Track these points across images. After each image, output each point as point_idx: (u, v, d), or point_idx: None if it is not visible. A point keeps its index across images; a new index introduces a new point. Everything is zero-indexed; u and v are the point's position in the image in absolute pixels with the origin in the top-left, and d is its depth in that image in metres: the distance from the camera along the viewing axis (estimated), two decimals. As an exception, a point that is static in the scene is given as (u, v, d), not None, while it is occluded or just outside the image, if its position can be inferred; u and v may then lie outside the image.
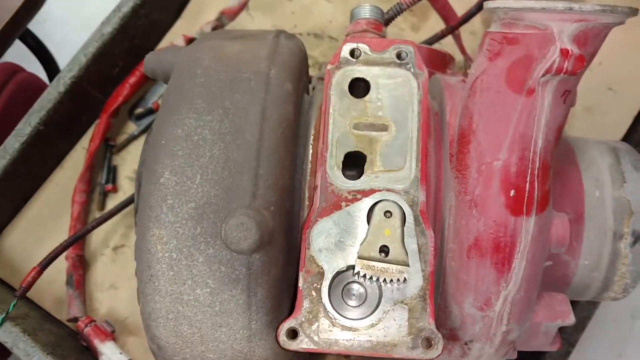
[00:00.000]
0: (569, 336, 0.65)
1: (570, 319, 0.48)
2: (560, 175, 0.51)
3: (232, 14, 0.79)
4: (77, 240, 0.71)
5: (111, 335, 0.69)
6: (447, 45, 0.79)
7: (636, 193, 0.51)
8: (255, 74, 0.46)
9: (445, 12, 0.75)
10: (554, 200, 0.50)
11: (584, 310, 0.65)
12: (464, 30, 0.74)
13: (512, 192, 0.43)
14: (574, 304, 0.65)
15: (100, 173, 0.78)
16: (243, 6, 0.79)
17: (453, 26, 0.72)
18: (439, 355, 0.42)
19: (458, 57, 0.76)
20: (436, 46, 0.77)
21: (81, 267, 0.74)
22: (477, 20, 0.76)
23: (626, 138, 0.78)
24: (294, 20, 0.83)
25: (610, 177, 0.51)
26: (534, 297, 0.46)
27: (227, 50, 0.48)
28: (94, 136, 0.76)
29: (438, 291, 0.47)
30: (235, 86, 0.45)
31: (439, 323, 0.47)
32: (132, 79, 0.78)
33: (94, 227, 0.70)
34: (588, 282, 0.52)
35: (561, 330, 0.64)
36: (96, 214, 0.77)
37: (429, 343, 0.43)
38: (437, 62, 0.70)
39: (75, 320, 0.70)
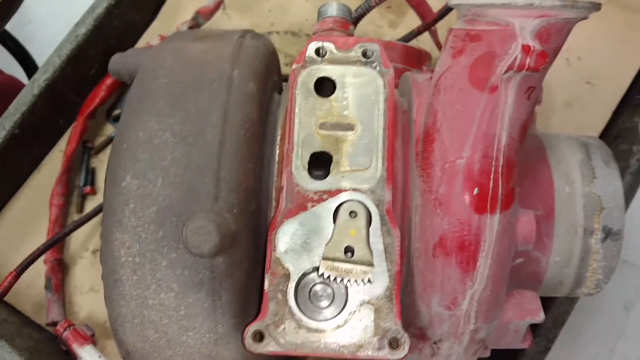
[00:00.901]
0: (548, 332, 0.64)
1: (540, 317, 0.48)
2: (531, 172, 0.51)
3: (207, 14, 0.78)
4: (55, 243, 0.70)
5: (90, 339, 0.69)
6: (425, 42, 0.79)
7: (606, 189, 0.50)
8: (218, 74, 0.46)
9: (421, 8, 0.75)
10: (524, 197, 0.50)
11: (563, 305, 0.65)
12: (440, 27, 0.74)
13: (475, 190, 0.42)
14: (551, 300, 0.65)
15: (78, 175, 0.77)
16: (218, 5, 0.78)
17: (429, 22, 0.71)
18: (405, 355, 0.42)
19: (436, 53, 0.75)
20: (413, 43, 0.77)
21: (60, 270, 0.74)
22: (453, 16, 0.76)
23: (605, 132, 0.78)
24: (270, 19, 0.83)
25: (581, 173, 0.51)
26: (501, 295, 0.46)
27: (191, 51, 0.48)
28: (70, 139, 0.76)
29: (407, 291, 0.47)
30: (198, 87, 0.45)
31: (409, 322, 0.47)
32: (109, 81, 0.78)
33: (71, 230, 0.69)
34: (560, 278, 0.52)
35: (539, 326, 0.64)
36: (75, 217, 0.76)
37: (395, 343, 0.43)
38: (414, 60, 0.70)
39: (54, 324, 0.70)
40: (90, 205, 0.77)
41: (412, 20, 0.81)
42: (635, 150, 0.70)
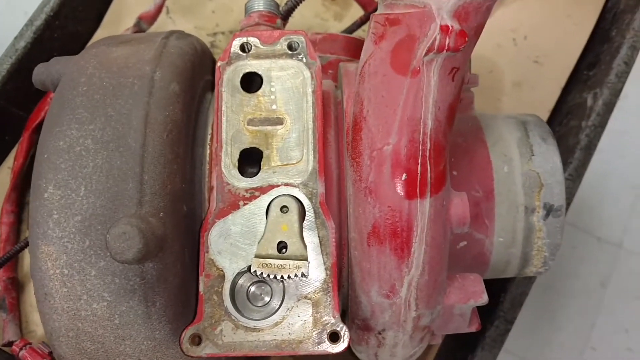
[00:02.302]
0: (506, 314, 0.64)
1: (483, 299, 0.47)
2: (468, 154, 0.50)
3: (149, 19, 0.77)
4: (7, 261, 0.69)
5: (48, 357, 0.68)
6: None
7: (545, 165, 0.50)
8: (139, 77, 0.45)
9: (362, -1, 0.74)
10: (463, 179, 0.49)
11: (520, 286, 0.65)
12: (383, 16, 0.73)
13: (404, 176, 0.42)
14: (509, 281, 0.65)
15: (28, 191, 0.76)
16: (160, 9, 0.77)
17: (371, 12, 0.71)
18: (346, 348, 0.42)
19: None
20: (359, 34, 0.77)
21: (14, 289, 0.72)
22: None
23: (556, 109, 0.78)
24: (215, 20, 0.82)
25: (519, 151, 0.51)
26: (441, 280, 0.45)
27: (113, 56, 0.47)
28: (17, 154, 0.75)
29: (348, 283, 0.46)
30: (119, 92, 0.44)
31: (353, 314, 0.47)
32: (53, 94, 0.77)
33: (22, 248, 0.68)
34: (507, 258, 0.51)
35: (497, 308, 0.64)
36: (27, 234, 0.75)
37: (335, 337, 0.42)
38: (357, 51, 0.69)
39: (9, 344, 0.69)
40: (43, 220, 0.76)
41: (358, 12, 0.81)
42: (585, 126, 0.70)
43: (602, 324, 1.24)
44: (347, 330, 0.42)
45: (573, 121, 0.74)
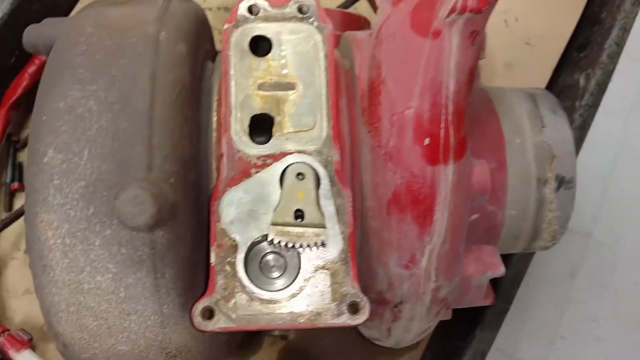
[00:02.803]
0: (506, 293, 0.64)
1: (500, 270, 0.46)
2: (479, 125, 0.49)
3: (133, -8, 0.74)
4: (-18, 245, 0.65)
5: (28, 344, 0.64)
6: (362, 8, 0.77)
7: (556, 136, 0.49)
8: (143, 37, 0.42)
9: (356, -26, 0.73)
10: (475, 150, 0.48)
11: (519, 264, 0.65)
12: (377, -8, 0.72)
13: (426, 141, 0.40)
14: (507, 259, 0.64)
15: (4, 172, 0.72)
16: (145, -18, 0.74)
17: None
18: (366, 320, 0.40)
19: (374, 19, 0.74)
20: (351, 10, 0.75)
21: (-10, 274, 0.68)
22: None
23: (547, 90, 0.78)
24: (202, -5, 0.79)
25: (530, 122, 0.50)
26: (461, 250, 0.44)
27: (112, 16, 0.44)
28: (-8, 132, 0.70)
29: (362, 254, 0.45)
30: (122, 52, 0.41)
31: (367, 288, 0.45)
32: (32, 68, 0.72)
33: (0, 229, 0.64)
34: (517, 232, 0.50)
35: (497, 288, 0.63)
36: (3, 215, 0.71)
37: (354, 308, 0.40)
38: (353, 26, 0.68)
39: (-13, 331, 0.65)
40: (19, 202, 0.72)
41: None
42: (578, 106, 0.70)
43: (571, 311, 1.26)
44: (367, 301, 0.40)
45: (565, 102, 0.74)
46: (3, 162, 0.72)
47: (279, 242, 0.40)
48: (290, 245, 0.39)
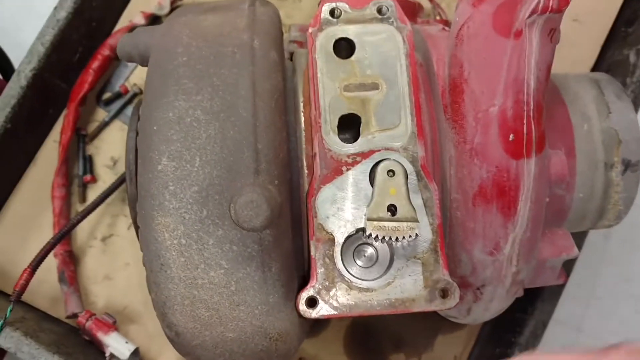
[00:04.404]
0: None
1: (574, 252, 0.49)
2: (549, 113, 0.51)
3: (189, -15, 0.76)
4: (65, 235, 0.69)
5: (113, 327, 0.69)
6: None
7: (622, 122, 0.52)
8: (238, 46, 0.45)
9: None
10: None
11: (576, 239, 0.67)
12: (428, -23, 0.73)
13: (511, 137, 0.43)
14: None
15: (76, 164, 0.76)
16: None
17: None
18: (457, 303, 0.43)
19: (426, 4, 0.75)
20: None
21: (72, 262, 0.73)
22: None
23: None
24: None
25: (596, 109, 0.52)
26: (539, 236, 0.47)
27: (205, 25, 0.47)
28: (64, 127, 0.74)
29: (446, 242, 0.48)
30: (220, 61, 0.44)
31: (451, 272, 0.48)
32: (95, 64, 0.76)
33: (79, 221, 0.68)
34: (583, 213, 0.53)
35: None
36: (78, 207, 0.75)
37: (445, 293, 0.44)
38: (408, 12, 0.68)
39: (74, 316, 0.69)
40: (92, 193, 0.76)
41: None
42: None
43: (605, 272, 1.29)
44: (457, 286, 0.43)
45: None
46: (74, 156, 0.76)
47: (376, 236, 0.43)
48: (387, 238, 0.43)
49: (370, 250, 0.45)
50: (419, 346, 0.73)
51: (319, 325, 0.72)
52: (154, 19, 0.78)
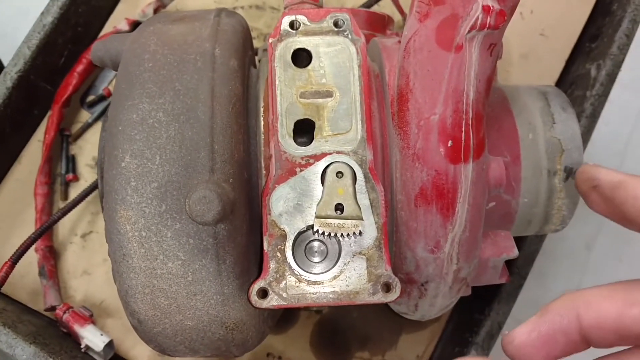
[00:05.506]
0: (520, 270, 0.70)
1: (514, 252, 0.52)
2: (496, 123, 0.55)
3: (172, -6, 0.80)
4: (46, 231, 0.72)
5: (90, 319, 0.72)
6: (385, 6, 0.82)
7: (565, 132, 0.55)
8: (200, 54, 0.48)
9: (379, -26, 0.78)
10: (492, 145, 0.54)
11: (532, 244, 0.71)
12: (399, -9, 0.77)
13: (449, 143, 0.46)
14: (522, 240, 0.70)
15: (59, 164, 0.79)
16: (182, -15, 0.79)
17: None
18: (397, 297, 0.46)
19: (397, 17, 0.79)
20: (375, 8, 0.80)
21: (52, 257, 0.76)
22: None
23: (561, 80, 0.83)
24: (234, -5, 0.84)
25: (542, 120, 0.55)
26: (479, 236, 0.50)
27: (171, 34, 0.50)
28: (48, 128, 0.77)
29: (392, 240, 0.51)
30: (183, 68, 0.47)
31: (396, 269, 0.52)
32: (80, 67, 0.79)
33: (60, 217, 0.71)
34: (529, 218, 0.56)
35: (512, 265, 0.69)
36: (60, 204, 0.78)
37: (387, 287, 0.47)
38: (377, 25, 0.73)
39: (52, 309, 0.72)
40: (74, 191, 0.79)
41: (372, -13, 0.84)
42: (589, 95, 0.75)
43: (587, 283, 1.31)
44: (398, 281, 0.46)
45: (577, 91, 0.79)
46: (57, 155, 0.79)
47: (322, 232, 0.46)
48: (332, 234, 0.46)
49: (320, 246, 0.48)
50: (384, 344, 0.76)
51: (286, 322, 0.75)
52: (137, 26, 0.81)
